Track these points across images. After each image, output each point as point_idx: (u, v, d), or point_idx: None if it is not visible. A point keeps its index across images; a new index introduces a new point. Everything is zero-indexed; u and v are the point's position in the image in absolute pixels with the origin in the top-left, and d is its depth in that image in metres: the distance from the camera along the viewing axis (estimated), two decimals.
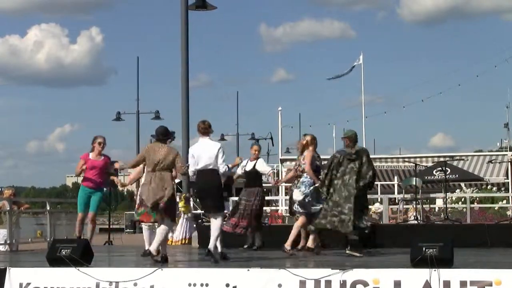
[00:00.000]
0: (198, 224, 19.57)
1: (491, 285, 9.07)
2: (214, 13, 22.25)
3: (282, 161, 41.17)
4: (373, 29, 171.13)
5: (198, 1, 21.34)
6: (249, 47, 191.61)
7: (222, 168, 12.10)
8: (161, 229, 11.90)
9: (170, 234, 13.58)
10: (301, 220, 13.91)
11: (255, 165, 15.13)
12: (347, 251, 12.72)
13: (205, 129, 12.22)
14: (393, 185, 31.15)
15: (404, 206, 23.32)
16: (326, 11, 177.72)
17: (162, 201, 11.73)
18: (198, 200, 12.30)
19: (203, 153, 12.06)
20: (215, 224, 12.04)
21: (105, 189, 15.86)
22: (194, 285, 9.89)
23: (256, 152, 15.38)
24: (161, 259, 11.63)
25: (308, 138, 14.16)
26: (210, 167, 12.02)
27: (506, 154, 38.17)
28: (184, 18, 20.79)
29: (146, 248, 12.70)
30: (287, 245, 13.34)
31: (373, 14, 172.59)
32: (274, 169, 15.25)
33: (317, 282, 9.53)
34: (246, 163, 15.23)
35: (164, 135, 12.18)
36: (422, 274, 9.29)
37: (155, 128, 12.28)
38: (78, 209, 14.74)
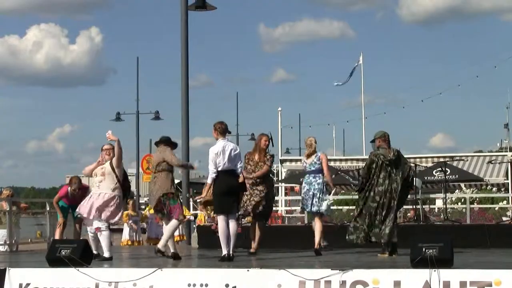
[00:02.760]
0: (198, 224, 19.59)
1: (490, 285, 9.07)
2: (212, 13, 22.24)
3: (282, 161, 41.17)
4: (372, 30, 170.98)
5: (198, 2, 21.33)
6: (248, 47, 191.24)
7: (239, 170, 12.44)
8: (167, 227, 12.76)
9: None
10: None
11: None
12: (393, 255, 12.91)
13: (224, 130, 12.43)
14: None
15: (404, 207, 23.31)
16: (325, 11, 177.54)
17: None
18: (215, 200, 12.39)
19: (226, 154, 12.23)
20: (234, 227, 12.25)
21: None
22: (194, 285, 9.89)
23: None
24: (171, 255, 12.53)
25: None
26: (232, 168, 12.26)
27: (506, 155, 38.20)
28: (184, 19, 20.79)
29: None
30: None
31: (372, 15, 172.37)
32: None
33: (316, 282, 9.52)
34: None
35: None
36: (422, 274, 9.29)
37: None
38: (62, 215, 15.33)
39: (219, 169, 12.18)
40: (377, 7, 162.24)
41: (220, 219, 12.16)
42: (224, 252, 12.07)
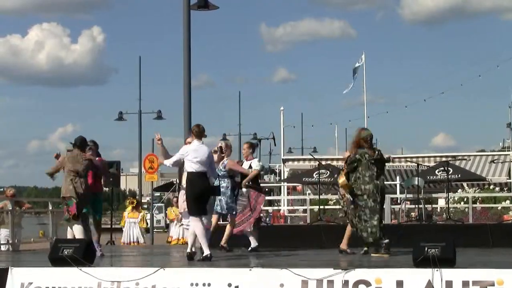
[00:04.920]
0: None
1: (493, 285, 9.07)
2: (214, 13, 22.19)
3: (285, 161, 41.15)
4: (373, 29, 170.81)
5: (200, 1, 21.31)
6: (250, 46, 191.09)
7: (213, 172, 12.63)
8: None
9: None
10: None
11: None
12: (374, 254, 12.92)
13: (200, 133, 12.50)
14: (395, 185, 31.15)
15: (407, 206, 23.32)
16: (326, 11, 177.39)
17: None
18: (188, 201, 12.42)
19: (199, 156, 12.27)
20: (199, 226, 12.28)
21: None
22: (196, 284, 9.89)
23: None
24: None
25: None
26: (204, 171, 12.30)
27: (509, 154, 38.21)
28: (186, 18, 20.77)
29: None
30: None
31: (374, 14, 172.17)
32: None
33: (319, 282, 9.52)
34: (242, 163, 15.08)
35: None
36: (425, 274, 9.29)
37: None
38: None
39: (193, 171, 12.23)
40: (378, 7, 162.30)
41: (197, 221, 12.18)
42: (207, 252, 12.07)
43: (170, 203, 24.47)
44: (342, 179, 13.24)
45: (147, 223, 23.22)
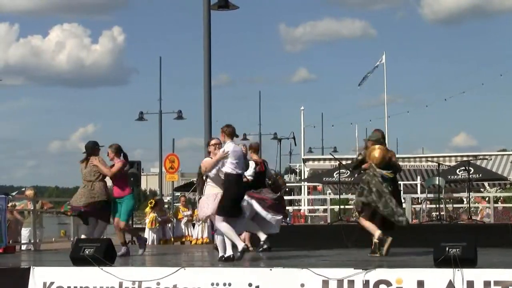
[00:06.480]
0: None
1: None
2: (233, 13, 22.23)
3: (305, 160, 41.18)
4: (394, 28, 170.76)
5: (220, 1, 21.35)
6: (269, 46, 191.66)
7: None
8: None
9: None
10: None
11: None
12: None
13: (233, 133, 12.09)
14: (416, 184, 31.09)
15: (427, 206, 23.26)
16: (346, 10, 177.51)
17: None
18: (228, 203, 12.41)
19: (238, 158, 12.09)
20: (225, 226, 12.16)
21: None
22: (217, 284, 9.91)
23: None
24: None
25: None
26: (241, 172, 12.25)
27: None
28: (207, 18, 20.81)
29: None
30: None
31: (394, 14, 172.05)
32: None
33: (340, 282, 9.52)
34: None
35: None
36: (446, 274, 9.26)
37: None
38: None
39: (234, 172, 11.88)
40: (399, 6, 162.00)
41: (223, 220, 11.88)
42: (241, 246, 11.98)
43: (190, 202, 24.50)
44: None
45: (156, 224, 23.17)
